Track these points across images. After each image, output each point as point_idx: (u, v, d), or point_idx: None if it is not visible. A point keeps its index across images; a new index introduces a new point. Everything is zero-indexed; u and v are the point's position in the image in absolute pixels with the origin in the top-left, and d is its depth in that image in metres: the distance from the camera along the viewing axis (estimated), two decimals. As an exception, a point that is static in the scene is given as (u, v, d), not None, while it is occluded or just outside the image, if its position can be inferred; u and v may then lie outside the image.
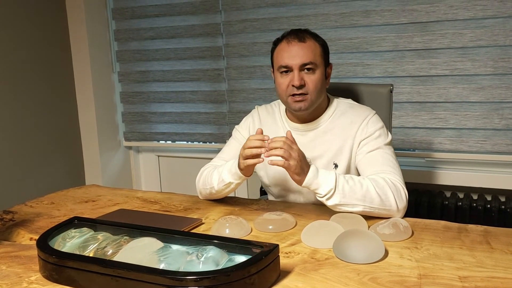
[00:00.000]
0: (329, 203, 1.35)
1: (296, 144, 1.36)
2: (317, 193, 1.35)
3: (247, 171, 1.44)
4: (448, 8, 2.10)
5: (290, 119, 1.60)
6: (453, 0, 2.09)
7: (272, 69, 1.59)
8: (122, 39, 2.83)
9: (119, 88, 2.91)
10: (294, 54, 1.48)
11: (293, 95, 1.49)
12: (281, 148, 1.32)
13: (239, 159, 1.43)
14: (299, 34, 1.52)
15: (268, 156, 1.34)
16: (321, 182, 1.34)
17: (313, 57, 1.48)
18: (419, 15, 2.16)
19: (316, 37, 1.54)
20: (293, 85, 1.47)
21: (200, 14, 2.62)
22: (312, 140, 1.55)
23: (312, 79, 1.48)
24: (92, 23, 2.74)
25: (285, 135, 1.36)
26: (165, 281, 0.94)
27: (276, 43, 1.56)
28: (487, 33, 2.06)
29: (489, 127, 2.13)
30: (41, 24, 2.59)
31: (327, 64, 1.56)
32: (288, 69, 1.49)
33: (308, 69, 1.48)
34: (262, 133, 1.40)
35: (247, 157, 1.38)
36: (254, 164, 1.41)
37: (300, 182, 1.35)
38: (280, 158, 1.33)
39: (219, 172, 1.51)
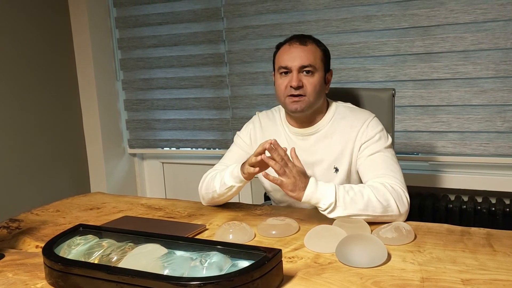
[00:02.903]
0: (331, 216, 1.35)
1: (295, 161, 1.37)
2: (319, 207, 1.36)
3: (249, 176, 1.45)
4: (448, 12, 2.11)
5: (290, 124, 1.61)
6: (453, 4, 2.10)
7: (273, 72, 1.60)
8: (125, 47, 2.85)
9: (123, 96, 2.93)
10: (294, 56, 1.50)
11: (291, 95, 1.50)
12: (276, 162, 1.33)
13: (244, 164, 1.44)
14: (302, 38, 1.55)
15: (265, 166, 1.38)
16: (320, 197, 1.34)
17: (312, 60, 1.50)
18: (420, 19, 2.16)
19: (318, 43, 1.57)
20: (291, 86, 1.49)
21: (202, 22, 2.64)
22: (313, 144, 1.56)
23: (310, 82, 1.50)
24: (95, 32, 2.76)
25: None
26: (169, 287, 0.94)
27: (279, 46, 1.59)
28: (488, 37, 2.07)
29: (492, 130, 2.13)
30: (45, 33, 2.62)
31: (327, 70, 1.57)
32: (287, 70, 1.51)
33: (307, 72, 1.50)
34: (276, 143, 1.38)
35: (253, 165, 1.39)
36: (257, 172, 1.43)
37: (298, 199, 1.36)
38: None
39: (221, 176, 1.52)
